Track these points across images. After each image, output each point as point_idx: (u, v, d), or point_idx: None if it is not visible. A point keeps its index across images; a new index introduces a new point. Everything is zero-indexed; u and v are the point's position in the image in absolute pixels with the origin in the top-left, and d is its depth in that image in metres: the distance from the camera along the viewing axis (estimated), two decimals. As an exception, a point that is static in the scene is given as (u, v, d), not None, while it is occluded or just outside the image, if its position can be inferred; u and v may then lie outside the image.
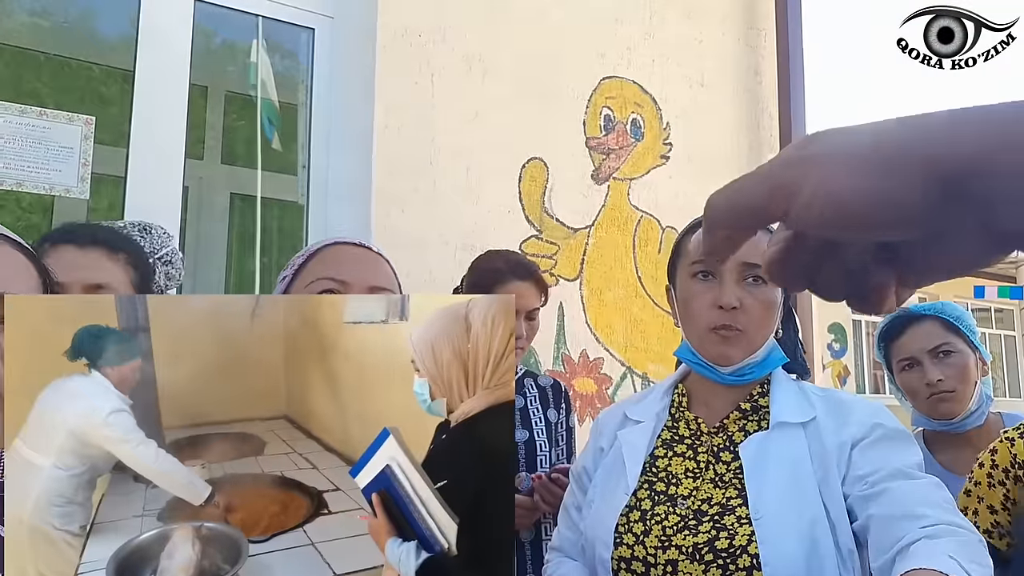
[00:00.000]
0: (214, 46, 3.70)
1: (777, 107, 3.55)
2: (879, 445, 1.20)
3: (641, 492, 1.28)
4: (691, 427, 1.34)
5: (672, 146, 3.31)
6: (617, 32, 3.22)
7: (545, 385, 2.16)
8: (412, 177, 2.67)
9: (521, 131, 2.93)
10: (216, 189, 3.92)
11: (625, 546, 1.23)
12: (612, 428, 1.41)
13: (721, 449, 1.29)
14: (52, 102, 3.76)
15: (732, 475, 1.25)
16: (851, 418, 1.24)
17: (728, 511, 1.20)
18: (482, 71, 2.87)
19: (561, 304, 2.94)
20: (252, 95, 3.06)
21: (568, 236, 3.00)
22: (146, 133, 2.51)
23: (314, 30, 2.84)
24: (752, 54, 3.59)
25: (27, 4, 3.76)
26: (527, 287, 2.02)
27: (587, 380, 2.96)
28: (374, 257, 1.26)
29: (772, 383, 1.34)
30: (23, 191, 2.41)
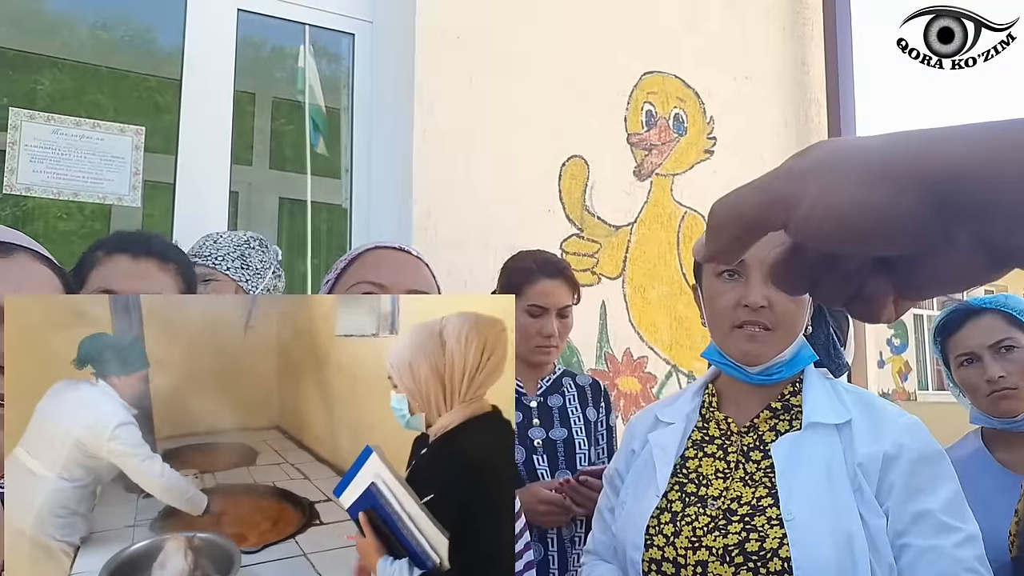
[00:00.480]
0: (261, 54, 3.79)
1: (826, 97, 3.47)
2: (914, 473, 1.17)
3: (672, 493, 1.28)
4: (721, 427, 1.33)
5: (716, 140, 3.26)
6: (658, 26, 3.19)
7: (584, 384, 2.16)
8: (452, 178, 2.69)
9: (561, 129, 2.92)
10: (265, 194, 4.01)
11: (656, 547, 1.22)
12: (643, 430, 1.41)
13: (751, 448, 1.28)
14: (111, 113, 3.91)
15: (763, 474, 1.23)
16: (885, 428, 1.21)
17: (758, 511, 1.18)
18: (521, 70, 2.87)
19: (604, 303, 2.92)
20: (299, 100, 3.13)
21: (610, 234, 2.98)
22: (193, 141, 2.59)
23: (354, 35, 2.88)
24: (799, 44, 3.51)
25: (90, 20, 3.91)
26: (557, 285, 2.03)
27: (631, 379, 2.94)
28: (413, 261, 1.28)
29: (804, 382, 1.31)
30: (80, 200, 2.50)
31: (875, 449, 1.18)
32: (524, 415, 2.02)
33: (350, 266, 1.27)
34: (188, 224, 2.55)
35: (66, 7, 3.77)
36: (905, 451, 1.18)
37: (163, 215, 2.79)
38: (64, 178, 2.39)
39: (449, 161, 2.70)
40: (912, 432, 1.22)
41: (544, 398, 2.07)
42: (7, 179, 2.31)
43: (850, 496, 1.15)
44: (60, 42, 3.79)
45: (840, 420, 1.23)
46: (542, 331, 2.02)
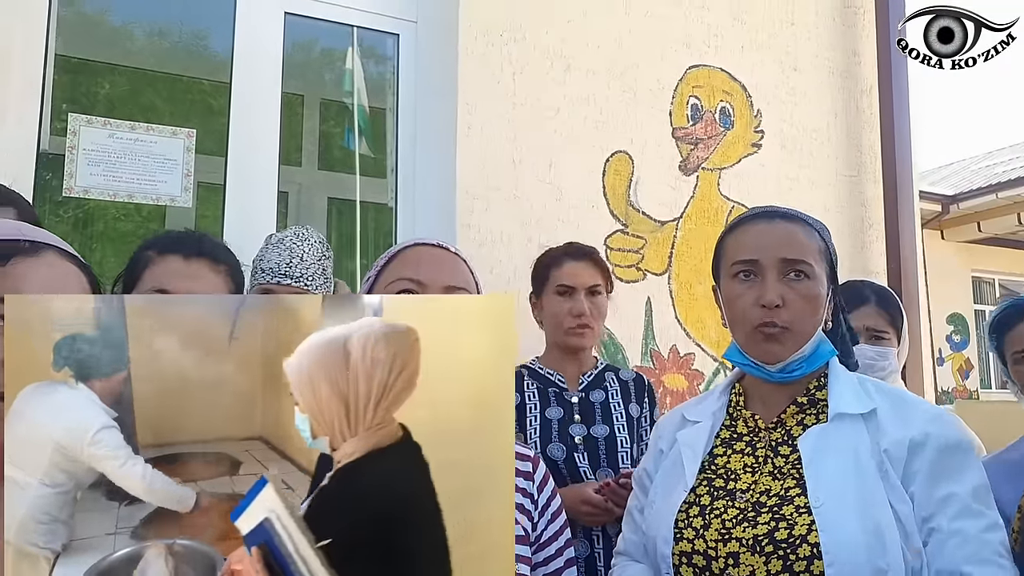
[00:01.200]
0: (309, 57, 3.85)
1: (878, 87, 3.39)
2: (940, 460, 1.17)
3: (700, 488, 1.29)
4: (749, 424, 1.34)
5: (764, 133, 3.21)
6: (703, 19, 3.15)
7: (627, 379, 2.14)
8: (495, 174, 2.70)
9: (604, 125, 2.91)
10: (315, 194, 4.08)
11: (686, 540, 1.23)
12: (671, 430, 1.43)
13: (780, 443, 1.28)
14: (166, 116, 4.02)
15: (791, 467, 1.24)
16: (912, 416, 1.21)
17: (787, 501, 1.19)
18: (563, 66, 2.87)
19: (649, 299, 2.90)
20: (347, 102, 3.17)
21: (655, 229, 2.96)
22: (243, 142, 2.65)
23: (399, 36, 2.91)
24: (849, 33, 3.44)
25: (146, 27, 4.03)
26: (583, 266, 2.05)
27: (677, 376, 2.92)
28: (452, 257, 1.29)
29: (830, 376, 1.32)
30: (135, 202, 2.58)
31: (902, 436, 1.18)
32: (565, 411, 2.01)
33: (390, 263, 1.28)
34: (238, 224, 2.61)
35: (126, 16, 3.89)
36: (932, 439, 1.18)
37: (214, 215, 2.86)
38: (119, 180, 2.47)
39: (492, 158, 2.71)
40: (939, 421, 1.21)
41: (586, 393, 2.06)
42: (66, 182, 2.39)
43: (877, 482, 1.16)
44: (119, 49, 3.91)
45: (865, 409, 1.24)
46: (572, 311, 2.01)
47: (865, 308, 2.09)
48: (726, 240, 1.37)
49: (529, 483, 1.32)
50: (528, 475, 1.32)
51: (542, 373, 2.08)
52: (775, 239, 1.29)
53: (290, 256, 2.01)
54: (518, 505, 1.27)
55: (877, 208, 3.38)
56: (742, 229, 1.34)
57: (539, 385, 2.06)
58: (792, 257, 1.27)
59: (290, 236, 2.07)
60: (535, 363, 2.13)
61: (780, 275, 1.27)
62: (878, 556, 1.09)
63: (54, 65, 2.55)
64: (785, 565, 1.13)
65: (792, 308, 1.26)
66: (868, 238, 3.37)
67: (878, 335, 2.09)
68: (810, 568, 1.11)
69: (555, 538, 1.32)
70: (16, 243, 0.90)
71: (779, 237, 1.29)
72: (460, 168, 2.66)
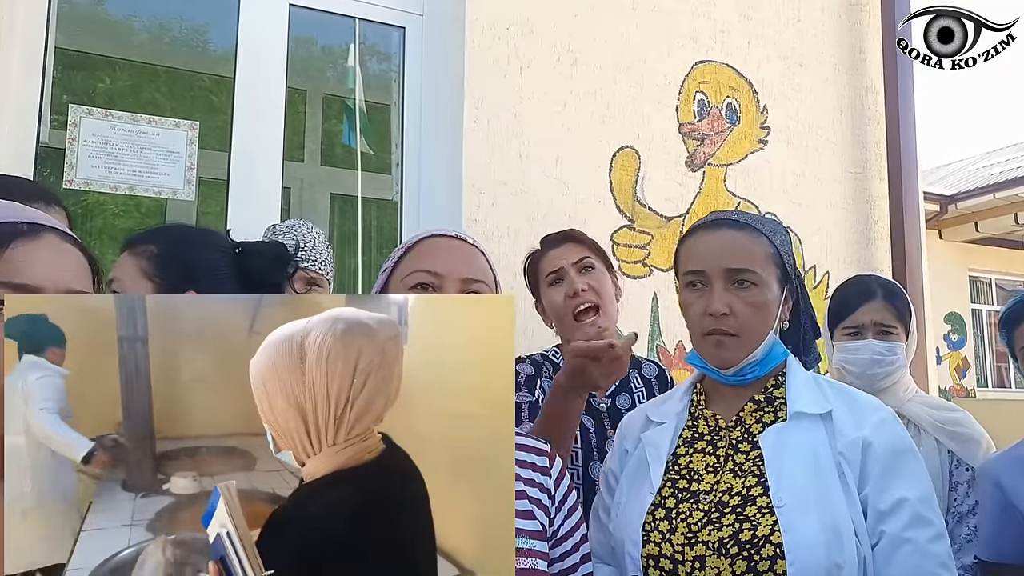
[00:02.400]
0: (312, 52, 3.82)
1: (883, 84, 3.38)
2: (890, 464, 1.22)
3: (665, 490, 1.32)
4: (709, 424, 1.38)
5: (770, 129, 3.19)
6: (710, 15, 3.13)
7: (650, 376, 2.02)
8: (502, 170, 2.68)
9: (611, 120, 2.89)
10: (317, 190, 4.06)
11: (653, 544, 1.26)
12: (635, 431, 1.45)
13: (740, 441, 1.32)
14: (168, 111, 3.99)
15: (751, 464, 1.28)
16: (864, 419, 1.27)
17: (749, 502, 1.22)
18: (571, 61, 2.85)
19: (655, 295, 2.89)
20: (350, 98, 3.15)
21: (662, 225, 2.94)
22: (247, 137, 2.62)
23: (405, 28, 2.89)
24: (855, 30, 3.43)
25: (147, 21, 4.00)
26: (562, 249, 1.94)
27: (683, 372, 2.90)
28: (469, 249, 1.26)
29: (788, 374, 1.36)
30: (135, 194, 2.56)
31: (855, 437, 1.24)
32: (596, 421, 1.87)
33: (406, 255, 1.26)
34: (242, 219, 2.58)
35: (125, 9, 3.86)
36: (880, 443, 1.23)
37: (217, 211, 2.83)
38: (121, 173, 2.44)
39: (499, 154, 2.68)
40: (885, 427, 1.26)
41: (612, 399, 1.93)
42: (66, 174, 2.37)
43: (836, 482, 1.21)
44: (119, 43, 3.88)
45: (822, 410, 1.28)
46: (568, 292, 1.88)
47: (872, 303, 2.07)
48: (680, 249, 1.42)
49: (547, 478, 1.29)
50: (545, 470, 1.30)
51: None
52: (719, 249, 1.33)
53: (303, 240, 2.08)
54: (536, 500, 1.25)
55: (882, 205, 3.37)
56: (692, 239, 1.39)
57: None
58: (736, 267, 1.32)
59: (298, 226, 2.14)
60: (557, 356, 1.97)
61: (726, 284, 1.31)
62: (836, 553, 1.14)
63: (54, 58, 2.52)
64: (749, 566, 1.17)
65: (739, 316, 1.31)
66: (873, 235, 3.36)
67: (886, 330, 2.06)
68: (773, 567, 1.15)
69: (572, 533, 1.31)
70: (15, 225, 0.87)
71: (723, 247, 1.34)
72: (466, 163, 2.64)
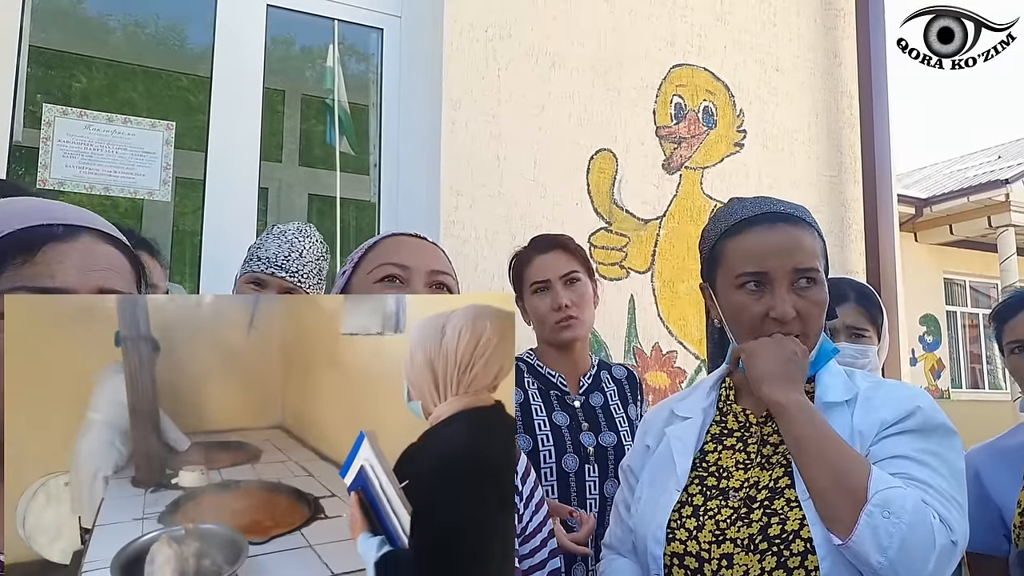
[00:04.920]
0: (290, 52, 3.81)
1: (858, 88, 3.42)
2: (908, 434, 1.16)
3: (692, 487, 1.26)
4: (740, 420, 1.32)
5: (746, 133, 3.22)
6: (687, 19, 3.16)
7: (620, 377, 2.10)
8: (480, 172, 2.69)
9: (589, 123, 2.91)
10: (295, 191, 4.04)
11: (678, 542, 1.21)
12: (659, 425, 1.40)
13: (770, 435, 1.27)
14: (144, 111, 3.96)
15: (780, 456, 1.23)
16: (888, 399, 1.21)
17: (777, 495, 1.18)
18: (548, 64, 2.86)
19: (632, 297, 2.90)
20: (328, 99, 3.14)
21: (639, 227, 2.96)
22: (224, 138, 2.61)
23: (383, 30, 2.89)
24: (830, 35, 3.46)
25: (123, 19, 3.96)
26: (551, 257, 1.98)
27: (660, 374, 2.92)
28: (431, 245, 1.29)
29: (821, 368, 1.31)
30: (111, 195, 2.54)
31: (876, 418, 1.19)
32: (571, 417, 1.95)
33: (368, 253, 1.27)
34: (218, 220, 2.57)
35: (100, 7, 3.82)
36: (908, 417, 1.18)
37: (194, 211, 2.82)
38: (96, 173, 2.42)
39: (477, 156, 2.69)
40: (918, 399, 1.21)
41: (586, 396, 2.01)
42: (40, 174, 2.34)
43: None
44: (94, 41, 3.84)
45: (849, 395, 1.24)
46: (552, 304, 1.94)
47: (845, 306, 2.09)
48: (726, 245, 1.30)
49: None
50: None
51: (542, 372, 2.02)
52: (783, 247, 1.24)
53: (290, 249, 1.98)
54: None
55: (857, 208, 3.41)
56: (745, 236, 1.27)
57: (540, 386, 1.99)
58: (804, 266, 1.23)
59: (292, 230, 2.04)
60: (532, 357, 2.05)
61: (790, 284, 1.24)
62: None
63: (28, 56, 2.49)
64: (779, 562, 1.12)
65: (806, 317, 1.24)
66: (848, 237, 3.40)
67: (858, 333, 2.09)
68: (804, 563, 1.10)
69: (539, 529, 1.31)
70: (50, 228, 0.85)
71: (787, 245, 1.24)
72: (444, 165, 2.64)
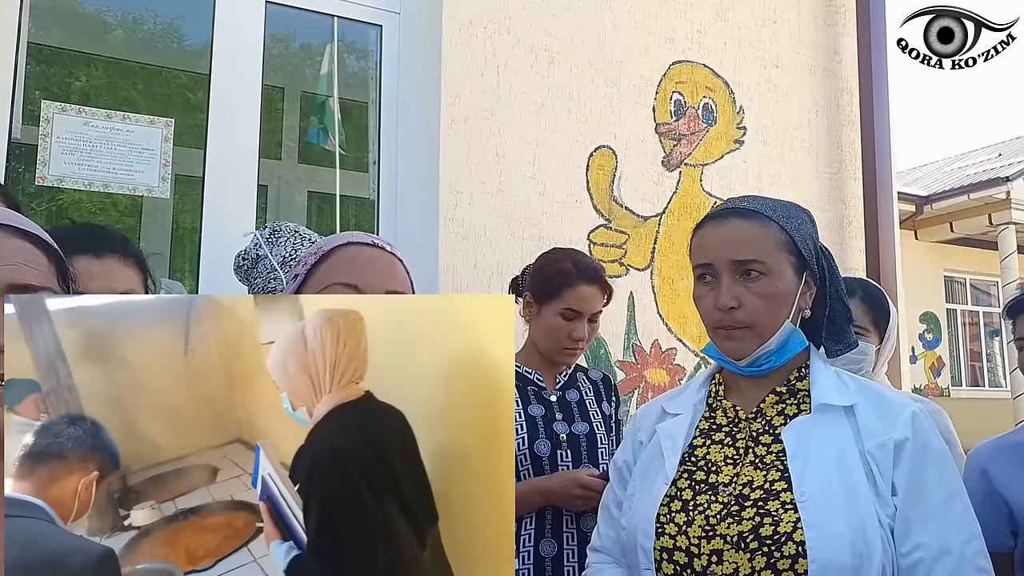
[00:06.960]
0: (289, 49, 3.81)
1: (858, 85, 3.41)
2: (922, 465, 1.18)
3: (681, 482, 1.28)
4: (728, 415, 1.34)
5: (746, 130, 3.22)
6: (686, 15, 3.15)
7: (596, 379, 2.18)
8: (479, 168, 2.69)
9: (588, 119, 2.90)
10: (295, 188, 4.04)
11: (667, 536, 1.22)
12: (650, 422, 1.42)
13: (760, 433, 1.28)
14: (143, 108, 3.96)
15: (774, 457, 1.23)
16: (895, 419, 1.21)
17: (772, 496, 1.18)
18: (548, 60, 2.86)
19: (632, 294, 2.90)
20: (328, 96, 3.14)
21: (638, 224, 2.96)
22: (223, 135, 2.60)
23: (382, 27, 2.88)
24: (830, 32, 3.46)
25: (122, 16, 3.96)
26: (594, 291, 2.03)
27: (659, 371, 2.92)
28: (388, 257, 1.23)
29: (811, 366, 1.32)
30: (110, 192, 2.53)
31: (886, 437, 1.19)
32: (547, 409, 2.04)
33: (321, 263, 1.21)
34: (218, 217, 2.57)
35: (99, 4, 3.82)
36: (913, 441, 1.19)
37: (193, 209, 2.81)
38: (95, 170, 2.42)
39: (476, 152, 2.69)
40: (919, 421, 1.21)
41: (563, 392, 2.09)
42: (39, 171, 2.34)
43: (863, 478, 1.16)
44: (93, 38, 3.84)
45: (847, 403, 1.24)
46: (572, 335, 2.02)
47: (848, 302, 2.09)
48: (692, 241, 1.39)
49: None
50: None
51: (520, 371, 2.08)
52: (725, 241, 1.29)
53: (298, 241, 2.00)
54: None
55: (857, 206, 3.40)
56: (701, 231, 1.36)
57: (518, 383, 2.07)
58: (742, 258, 1.27)
59: (284, 232, 2.04)
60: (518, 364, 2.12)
61: (735, 276, 1.27)
62: (861, 552, 1.10)
63: (27, 53, 2.49)
64: (769, 562, 1.12)
65: (748, 307, 1.26)
66: (848, 235, 3.39)
67: (858, 331, 2.09)
68: (794, 566, 1.11)
69: None
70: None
71: (729, 238, 1.29)
72: (443, 161, 2.64)
